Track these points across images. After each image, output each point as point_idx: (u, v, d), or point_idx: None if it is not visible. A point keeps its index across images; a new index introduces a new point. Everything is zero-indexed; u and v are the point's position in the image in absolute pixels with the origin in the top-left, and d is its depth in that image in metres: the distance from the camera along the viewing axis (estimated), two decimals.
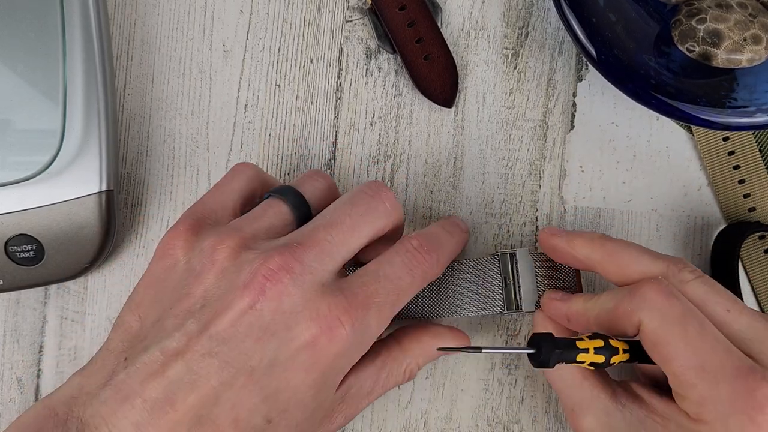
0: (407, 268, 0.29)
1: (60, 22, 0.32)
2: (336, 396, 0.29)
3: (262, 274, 0.26)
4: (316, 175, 0.32)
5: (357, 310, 0.27)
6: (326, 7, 0.36)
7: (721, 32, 0.31)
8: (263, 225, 0.29)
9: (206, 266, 0.27)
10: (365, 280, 0.28)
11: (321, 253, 0.27)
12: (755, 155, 0.37)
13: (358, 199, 0.29)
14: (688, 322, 0.27)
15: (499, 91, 0.37)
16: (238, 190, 0.31)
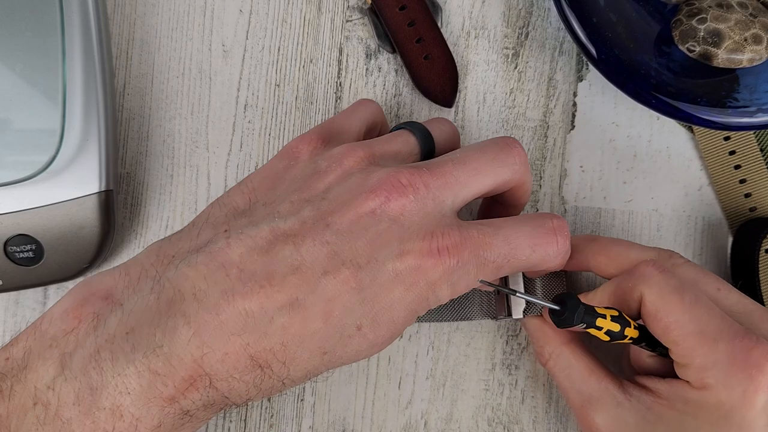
0: (532, 241, 0.28)
1: (59, 21, 0.32)
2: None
3: (391, 183, 0.26)
4: (444, 120, 0.32)
5: (466, 249, 0.26)
6: (326, 7, 0.36)
7: (721, 32, 0.31)
8: (392, 148, 0.29)
9: (333, 167, 0.27)
10: (485, 230, 0.27)
11: (446, 184, 0.27)
12: (756, 155, 0.37)
13: (489, 147, 0.29)
14: (684, 291, 0.28)
15: (499, 91, 0.37)
16: (363, 119, 0.31)
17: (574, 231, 0.37)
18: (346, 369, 0.36)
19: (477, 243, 0.27)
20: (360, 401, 0.36)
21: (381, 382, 0.36)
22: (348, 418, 0.35)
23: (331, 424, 0.35)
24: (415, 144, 0.30)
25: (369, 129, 0.32)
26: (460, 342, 0.36)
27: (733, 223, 0.37)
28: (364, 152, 0.28)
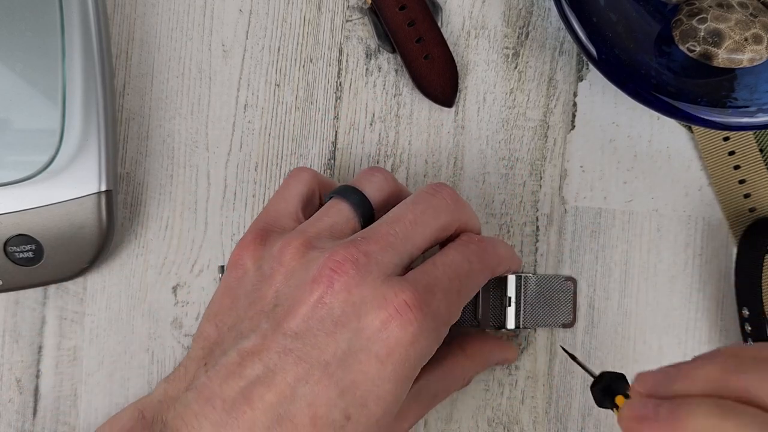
0: (463, 256, 0.29)
1: (59, 21, 0.32)
2: (410, 395, 0.28)
3: (329, 267, 0.26)
4: (372, 171, 0.32)
5: (422, 294, 0.26)
6: (326, 7, 0.36)
7: (722, 32, 0.31)
8: (326, 224, 0.29)
9: (275, 269, 0.28)
10: (425, 269, 0.28)
11: (385, 245, 0.27)
12: (756, 155, 0.37)
13: (419, 198, 0.30)
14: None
15: (499, 91, 0.37)
16: (297, 195, 0.31)
17: (573, 232, 0.37)
18: None
19: (427, 284, 0.27)
20: None
21: None
22: None
23: None
24: (349, 210, 0.30)
25: (306, 202, 0.32)
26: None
27: (733, 223, 0.37)
28: (299, 241, 0.28)
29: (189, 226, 0.36)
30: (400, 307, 0.26)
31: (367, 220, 0.30)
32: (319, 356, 0.25)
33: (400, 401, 0.27)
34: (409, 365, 0.26)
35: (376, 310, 0.26)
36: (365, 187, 0.31)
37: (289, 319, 0.26)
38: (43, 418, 0.35)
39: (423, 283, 0.27)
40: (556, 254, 0.37)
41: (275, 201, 0.31)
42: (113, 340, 0.35)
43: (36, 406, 0.35)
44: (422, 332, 0.26)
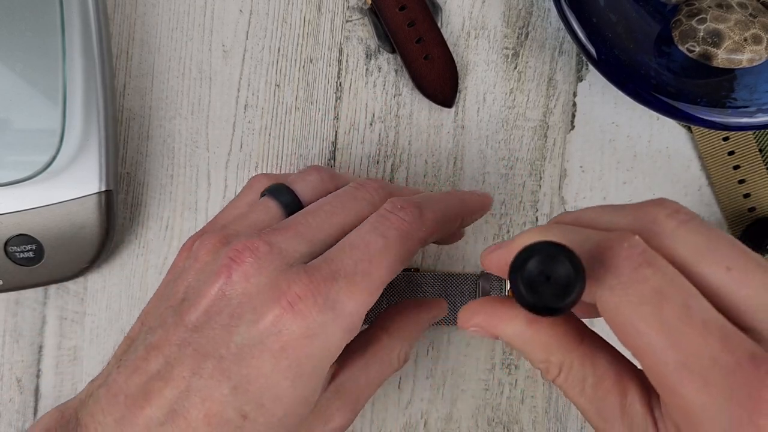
0: (377, 231, 0.26)
1: (59, 21, 0.32)
2: (328, 393, 0.28)
3: (229, 257, 0.25)
4: (311, 170, 0.31)
5: (319, 283, 0.25)
6: (326, 7, 0.36)
7: (721, 32, 0.31)
8: (250, 221, 0.29)
9: (191, 265, 0.27)
10: (330, 254, 0.26)
11: (295, 235, 0.26)
12: (755, 155, 0.37)
13: (343, 191, 0.29)
14: (665, 299, 0.19)
15: (499, 91, 0.37)
16: (246, 204, 0.31)
17: None
18: None
19: (328, 271, 0.25)
20: None
21: None
22: None
23: None
24: (275, 207, 0.29)
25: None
26: (460, 342, 0.36)
27: (733, 223, 0.37)
28: (216, 238, 0.27)
29: (189, 226, 0.36)
30: (292, 300, 0.24)
31: None
32: (215, 349, 0.24)
33: (307, 401, 0.26)
34: (309, 362, 0.25)
35: (270, 302, 0.25)
36: (298, 186, 0.30)
37: (191, 311, 0.25)
38: None
39: (323, 270, 0.25)
40: None
41: (225, 209, 0.31)
42: (113, 340, 0.35)
43: (36, 406, 0.35)
44: (319, 325, 0.24)
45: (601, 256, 0.20)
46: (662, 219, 0.20)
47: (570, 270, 0.18)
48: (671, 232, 0.20)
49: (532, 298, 0.18)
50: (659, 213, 0.21)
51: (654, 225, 0.20)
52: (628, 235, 0.20)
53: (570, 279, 0.18)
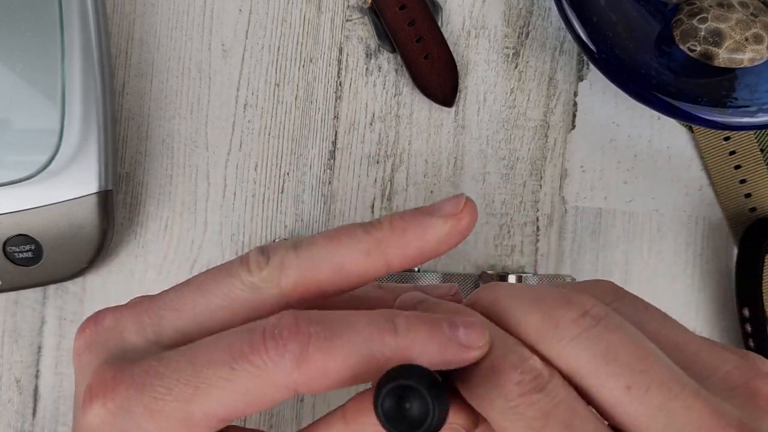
0: (228, 355, 0.19)
1: (58, 20, 0.32)
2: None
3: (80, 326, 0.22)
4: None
5: (120, 387, 0.20)
6: (326, 6, 0.36)
7: (722, 31, 0.31)
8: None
9: None
10: (163, 357, 0.20)
11: (144, 313, 0.21)
12: (756, 155, 0.37)
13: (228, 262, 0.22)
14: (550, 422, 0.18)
15: (499, 91, 0.37)
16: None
17: (574, 231, 0.37)
18: None
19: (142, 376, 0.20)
20: None
21: None
22: None
23: None
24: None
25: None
26: None
27: (734, 223, 0.37)
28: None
29: (188, 226, 0.36)
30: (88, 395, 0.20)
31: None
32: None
33: None
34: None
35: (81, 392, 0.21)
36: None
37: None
38: (42, 418, 0.35)
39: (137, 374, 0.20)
40: (557, 254, 0.37)
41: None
42: None
43: (35, 407, 0.35)
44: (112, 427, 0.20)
45: (494, 376, 0.19)
46: (567, 324, 0.19)
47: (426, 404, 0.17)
48: (573, 341, 0.19)
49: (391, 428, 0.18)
50: (564, 316, 0.19)
51: (558, 330, 0.19)
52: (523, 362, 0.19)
53: (425, 413, 0.17)
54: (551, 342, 0.19)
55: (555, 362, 0.19)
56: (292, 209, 0.36)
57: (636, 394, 0.18)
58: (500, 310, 0.21)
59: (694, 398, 0.18)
